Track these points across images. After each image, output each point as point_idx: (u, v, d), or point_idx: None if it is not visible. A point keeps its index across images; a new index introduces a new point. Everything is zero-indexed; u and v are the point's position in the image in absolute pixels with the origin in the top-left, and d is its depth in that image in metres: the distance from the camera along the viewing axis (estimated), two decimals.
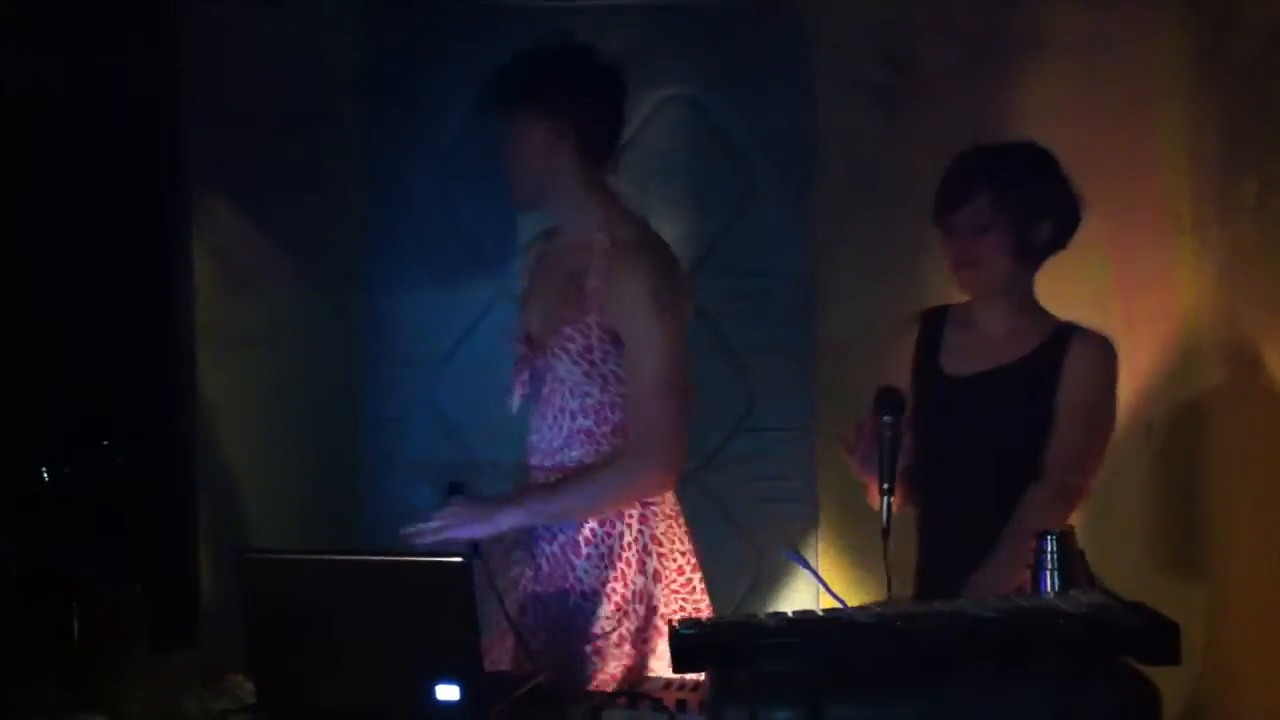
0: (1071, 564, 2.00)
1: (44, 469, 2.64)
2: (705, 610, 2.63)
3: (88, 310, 2.93)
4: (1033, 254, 2.56)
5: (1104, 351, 2.55)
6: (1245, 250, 3.06)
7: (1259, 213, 2.96)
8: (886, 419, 2.30)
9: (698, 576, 2.65)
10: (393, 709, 2.13)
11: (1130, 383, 3.32)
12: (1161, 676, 1.72)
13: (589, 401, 2.55)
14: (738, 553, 3.46)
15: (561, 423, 2.58)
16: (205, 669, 2.37)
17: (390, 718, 2.12)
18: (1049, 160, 2.57)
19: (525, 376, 2.63)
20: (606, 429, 2.56)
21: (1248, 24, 3.03)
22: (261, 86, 3.39)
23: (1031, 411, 2.49)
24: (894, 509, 2.35)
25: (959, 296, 2.67)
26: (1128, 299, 3.34)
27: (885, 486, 2.28)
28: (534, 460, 2.64)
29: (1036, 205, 2.52)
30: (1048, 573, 2.00)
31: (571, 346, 2.53)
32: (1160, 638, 1.72)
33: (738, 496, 3.45)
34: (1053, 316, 2.61)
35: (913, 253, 3.43)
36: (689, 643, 1.77)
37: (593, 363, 2.53)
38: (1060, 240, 2.58)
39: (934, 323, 2.66)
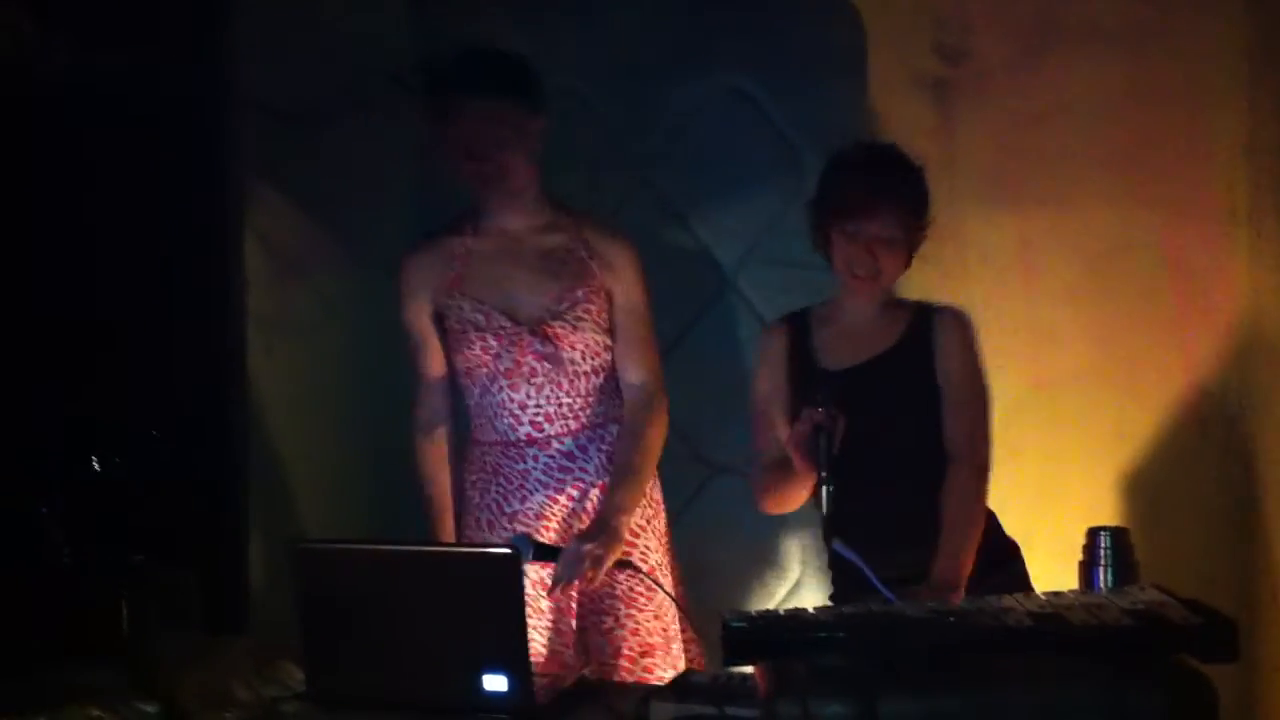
0: (1126, 561, 1.98)
1: (94, 458, 2.66)
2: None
3: (139, 299, 2.95)
4: (911, 260, 2.67)
5: (964, 323, 2.65)
6: None
7: None
8: (821, 409, 2.40)
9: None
10: (441, 698, 2.14)
11: (1186, 377, 3.30)
12: (1217, 671, 1.69)
13: (601, 360, 2.81)
14: (782, 547, 3.45)
15: (578, 385, 2.79)
16: (256, 656, 2.39)
17: (438, 707, 2.13)
18: (919, 169, 2.68)
19: (529, 356, 2.76)
20: (612, 382, 2.84)
21: None
22: (311, 76, 3.40)
23: (913, 393, 2.57)
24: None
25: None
26: (1182, 292, 3.30)
27: (824, 475, 2.37)
28: (552, 430, 2.79)
29: (922, 212, 2.64)
30: (1101, 569, 1.99)
31: (591, 309, 2.78)
32: (1217, 635, 1.70)
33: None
34: (909, 301, 2.69)
35: (961, 245, 3.41)
36: (740, 636, 1.77)
37: (602, 323, 2.80)
38: None
39: (800, 325, 2.73)
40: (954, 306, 2.67)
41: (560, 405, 2.79)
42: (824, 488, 2.36)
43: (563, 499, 2.78)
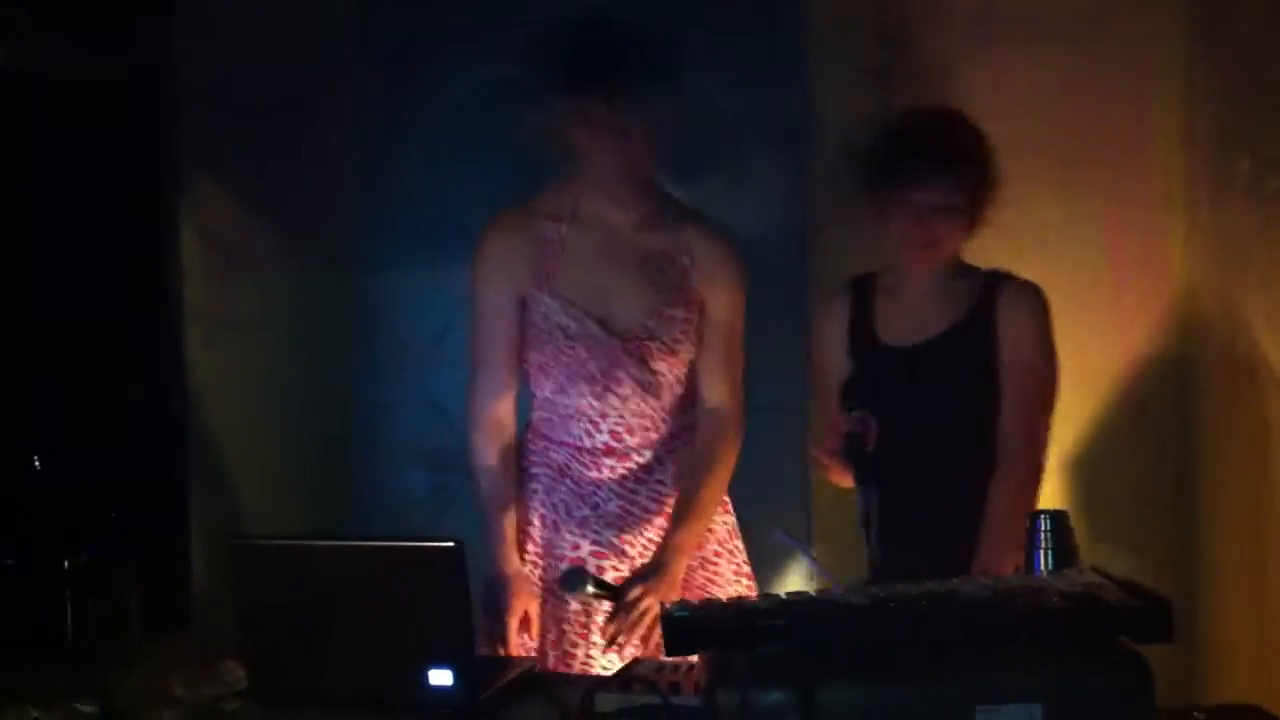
0: (1065, 543, 1.99)
1: (34, 457, 2.63)
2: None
3: (77, 296, 2.92)
4: (978, 227, 2.53)
5: (1033, 298, 2.50)
6: (1237, 229, 3.05)
7: (1251, 192, 2.96)
8: (853, 414, 2.31)
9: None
10: (386, 694, 2.12)
11: (1123, 361, 3.33)
12: (1158, 651, 1.71)
13: (688, 370, 2.61)
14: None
15: (664, 399, 2.60)
16: (196, 654, 2.37)
17: (383, 703, 2.11)
18: (982, 132, 2.53)
19: (620, 372, 2.56)
20: (695, 390, 2.63)
21: (1246, 2, 3.01)
22: (251, 66, 3.37)
23: (974, 375, 2.45)
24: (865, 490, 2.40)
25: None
26: (1120, 278, 3.34)
27: (860, 478, 2.29)
28: (632, 441, 2.61)
29: (986, 180, 2.49)
30: (1041, 552, 1.99)
31: (689, 328, 2.58)
32: (1153, 616, 1.71)
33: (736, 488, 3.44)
34: (980, 271, 2.55)
35: None
36: (682, 625, 1.76)
37: (695, 339, 2.59)
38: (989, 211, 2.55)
39: (863, 292, 2.61)
40: (1026, 281, 2.52)
41: (644, 418, 2.59)
42: (861, 490, 2.27)
43: (636, 509, 2.63)
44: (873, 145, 2.50)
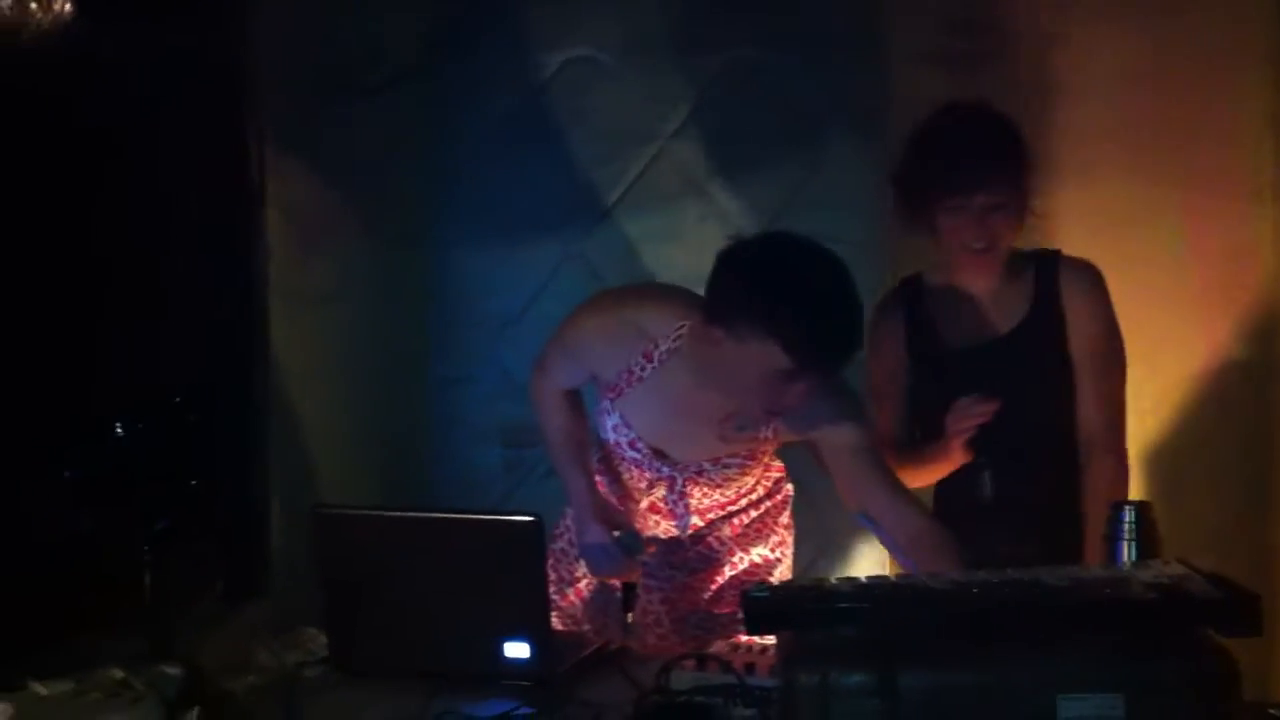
0: (1149, 534, 1.97)
1: (119, 426, 2.67)
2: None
3: (163, 269, 2.96)
4: (1025, 221, 2.48)
5: (1096, 282, 2.45)
6: None
7: None
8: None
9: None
10: (463, 665, 2.15)
11: (1208, 354, 3.28)
12: (1236, 647, 1.70)
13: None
14: (805, 519, 3.44)
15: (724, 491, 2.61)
16: (277, 621, 2.40)
17: (460, 674, 2.14)
18: (1017, 125, 2.47)
19: (662, 488, 2.52)
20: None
21: None
22: (332, 46, 3.40)
23: (1047, 371, 2.42)
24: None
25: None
26: (1205, 269, 3.28)
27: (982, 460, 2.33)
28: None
29: (1027, 169, 2.43)
30: (1124, 543, 1.98)
31: (748, 463, 2.55)
32: (1240, 609, 1.69)
33: (806, 463, 3.43)
34: (1029, 254, 2.50)
35: None
36: (761, 606, 1.77)
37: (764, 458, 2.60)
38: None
39: (913, 296, 2.56)
40: (1083, 262, 2.48)
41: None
42: (985, 473, 2.31)
43: (686, 565, 2.62)
44: (924, 149, 2.44)
